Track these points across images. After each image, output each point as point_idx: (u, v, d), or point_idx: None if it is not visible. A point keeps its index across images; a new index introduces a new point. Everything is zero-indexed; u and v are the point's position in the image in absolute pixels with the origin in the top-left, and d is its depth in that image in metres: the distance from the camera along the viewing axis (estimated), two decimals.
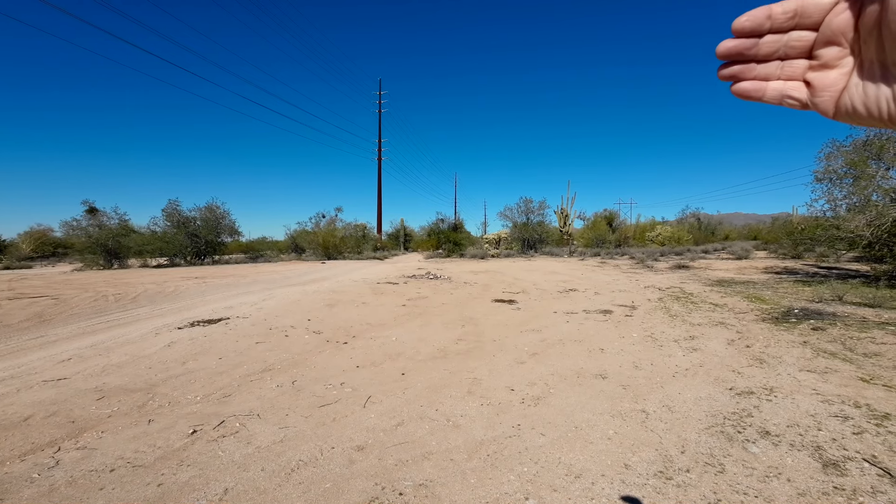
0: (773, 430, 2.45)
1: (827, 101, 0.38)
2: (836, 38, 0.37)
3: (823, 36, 0.37)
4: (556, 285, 9.63)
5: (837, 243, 9.20)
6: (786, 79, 0.40)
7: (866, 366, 3.49)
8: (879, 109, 0.35)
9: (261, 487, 1.99)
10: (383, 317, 6.10)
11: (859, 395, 2.91)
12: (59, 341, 4.90)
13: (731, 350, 4.10)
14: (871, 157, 8.53)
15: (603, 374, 3.51)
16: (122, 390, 3.23)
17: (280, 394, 3.17)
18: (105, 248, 18.43)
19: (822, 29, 0.37)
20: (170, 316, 6.34)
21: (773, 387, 3.11)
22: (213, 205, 22.60)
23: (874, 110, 0.35)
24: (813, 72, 0.39)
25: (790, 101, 0.40)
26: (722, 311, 6.05)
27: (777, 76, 0.40)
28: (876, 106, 0.35)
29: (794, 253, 15.76)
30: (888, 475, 1.98)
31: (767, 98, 0.40)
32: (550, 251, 25.57)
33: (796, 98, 0.39)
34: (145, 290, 9.37)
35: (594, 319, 5.72)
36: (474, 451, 2.30)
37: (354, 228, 31.53)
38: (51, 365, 3.89)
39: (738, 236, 33.42)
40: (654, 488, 1.94)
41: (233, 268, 17.51)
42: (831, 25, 0.36)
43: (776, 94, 0.40)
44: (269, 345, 4.53)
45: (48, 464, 2.20)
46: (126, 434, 2.53)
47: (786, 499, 1.84)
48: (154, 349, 4.36)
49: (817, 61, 0.38)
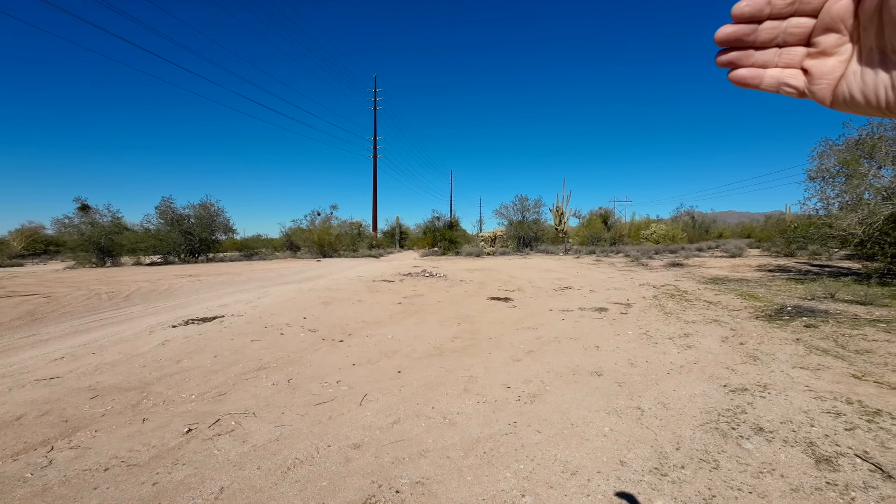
0: (767, 427, 2.47)
1: (824, 89, 0.38)
2: (835, 25, 0.36)
3: (822, 23, 0.37)
4: (551, 283, 9.66)
5: (830, 241, 9.28)
6: (783, 66, 0.39)
7: (858, 362, 3.53)
8: (877, 97, 0.35)
9: (257, 486, 1.98)
10: (379, 314, 6.09)
11: (851, 391, 2.94)
12: (52, 340, 4.85)
13: (725, 347, 4.13)
14: (864, 155, 8.61)
15: (598, 371, 3.52)
16: (116, 389, 3.21)
17: (276, 392, 3.16)
18: (98, 246, 18.26)
19: (821, 15, 0.37)
20: (164, 314, 6.30)
21: (766, 383, 3.14)
22: (208, 202, 22.48)
23: (871, 98, 0.35)
24: (811, 59, 0.39)
25: (787, 88, 0.40)
26: (716, 309, 6.09)
27: (775, 63, 0.40)
28: (874, 94, 0.35)
29: (787, 251, 15.89)
30: (880, 470, 2.00)
31: (765, 85, 0.40)
32: (546, 249, 25.63)
33: (794, 86, 0.39)
34: (139, 289, 9.30)
35: (589, 317, 5.74)
36: (471, 449, 2.30)
37: (350, 226, 31.43)
38: (43, 364, 3.85)
39: (732, 234, 33.65)
40: (649, 485, 1.95)
41: (227, 266, 17.42)
42: (830, 12, 0.36)
43: (773, 82, 0.40)
44: (264, 343, 4.52)
45: (41, 463, 2.18)
46: (120, 433, 2.51)
47: (779, 494, 1.86)
48: (148, 347, 4.33)
49: (815, 49, 0.38)
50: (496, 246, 27.68)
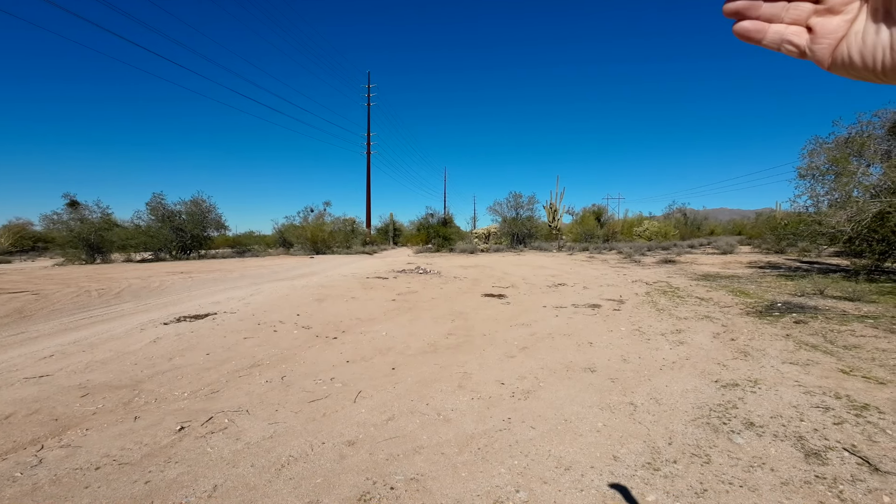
0: (758, 421, 2.50)
1: (824, 49, 0.38)
2: None
3: None
4: (545, 280, 9.69)
5: (819, 238, 9.38)
6: (789, 22, 0.39)
7: (846, 358, 3.58)
8: (874, 59, 0.35)
9: (250, 483, 1.97)
10: (373, 311, 6.08)
11: (840, 386, 2.99)
12: (41, 337, 4.79)
13: (717, 343, 4.17)
14: (853, 153, 8.71)
15: (592, 367, 3.54)
16: (107, 387, 3.18)
17: (269, 389, 3.15)
18: (87, 243, 18.05)
19: None
20: (155, 311, 6.24)
21: (757, 379, 3.18)
22: (199, 198, 22.27)
23: (869, 60, 0.36)
24: (817, 17, 0.39)
25: (789, 46, 0.40)
26: (707, 305, 6.15)
27: (781, 18, 0.39)
28: (871, 56, 0.35)
29: (777, 248, 16.07)
30: (867, 464, 2.04)
31: (767, 41, 0.40)
32: (539, 246, 25.70)
33: (795, 44, 0.39)
34: (129, 286, 9.20)
35: (583, 313, 5.77)
36: (465, 445, 2.31)
37: (343, 223, 31.27)
38: (32, 362, 3.80)
39: (724, 231, 33.92)
40: (642, 479, 1.97)
41: (219, 262, 17.29)
42: None
43: (776, 37, 0.40)
44: (257, 340, 4.49)
45: (31, 462, 2.16)
46: (111, 431, 2.49)
47: (769, 488, 1.88)
48: (139, 345, 4.29)
49: (823, 5, 0.38)
50: (490, 243, 27.70)
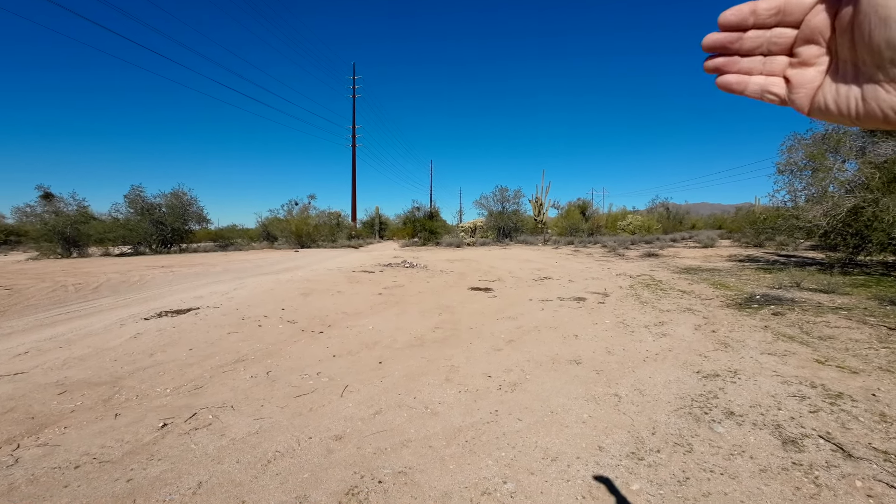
0: (737, 411, 2.57)
1: (803, 98, 0.40)
2: (815, 37, 0.38)
3: (803, 34, 0.39)
4: (530, 273, 9.76)
5: (796, 232, 9.63)
6: (767, 74, 0.41)
7: (821, 348, 3.70)
8: (849, 107, 0.37)
9: (236, 480, 1.95)
10: (359, 305, 6.05)
11: (815, 375, 3.08)
12: (14, 334, 4.64)
13: (698, 335, 4.26)
14: (829, 150, 8.95)
15: (577, 359, 3.59)
16: (86, 384, 3.10)
17: (254, 384, 3.11)
18: (63, 236, 17.50)
19: (802, 27, 0.39)
20: (135, 306, 6.10)
21: (736, 369, 3.26)
22: (180, 191, 21.71)
23: (843, 108, 0.37)
24: (792, 69, 0.41)
25: (770, 96, 0.42)
26: (689, 298, 6.27)
27: (759, 71, 0.42)
28: (846, 104, 0.37)
29: (756, 241, 16.43)
30: (841, 450, 2.11)
31: (749, 92, 0.42)
32: (525, 239, 25.85)
33: (776, 94, 0.41)
34: (108, 280, 8.97)
35: (568, 306, 5.84)
36: (453, 438, 2.32)
37: (328, 216, 30.92)
38: (6, 359, 3.68)
39: (705, 225, 34.59)
40: (626, 469, 2.01)
41: (201, 256, 16.97)
42: (811, 24, 0.38)
43: (757, 89, 0.42)
44: (241, 335, 4.43)
45: (6, 462, 2.10)
46: (91, 429, 2.43)
47: (749, 475, 1.94)
48: (119, 341, 4.19)
49: (797, 59, 0.40)
50: (476, 236, 27.76)
